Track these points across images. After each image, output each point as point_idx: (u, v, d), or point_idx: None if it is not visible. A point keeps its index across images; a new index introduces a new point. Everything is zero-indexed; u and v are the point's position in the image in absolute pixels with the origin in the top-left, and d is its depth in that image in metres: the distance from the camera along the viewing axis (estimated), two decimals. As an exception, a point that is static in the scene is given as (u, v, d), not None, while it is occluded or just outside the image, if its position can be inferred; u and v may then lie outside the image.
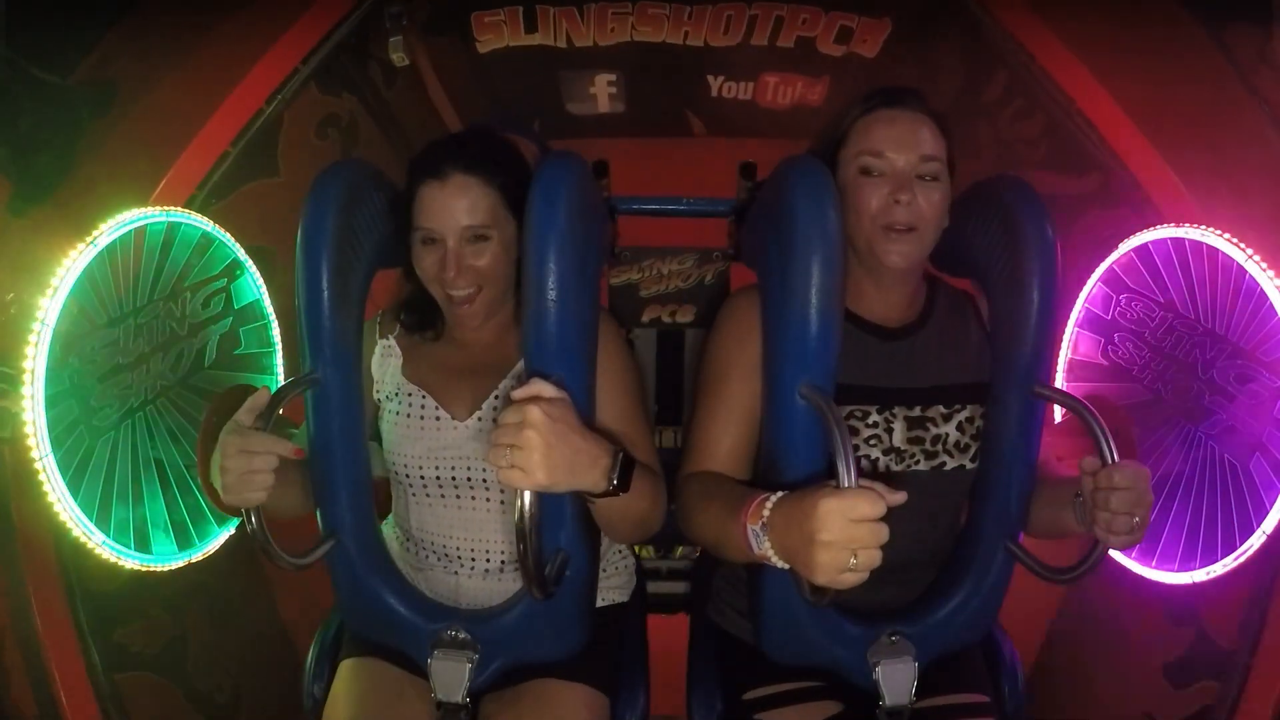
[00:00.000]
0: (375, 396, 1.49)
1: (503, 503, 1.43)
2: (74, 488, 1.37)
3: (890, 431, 1.36)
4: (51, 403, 1.33)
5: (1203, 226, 1.49)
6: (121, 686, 1.67)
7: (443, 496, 1.45)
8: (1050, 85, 1.99)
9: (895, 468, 1.35)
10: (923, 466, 1.37)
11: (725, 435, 1.33)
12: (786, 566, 1.06)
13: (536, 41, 2.43)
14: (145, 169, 1.76)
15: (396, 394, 1.47)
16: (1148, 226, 1.61)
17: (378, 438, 1.51)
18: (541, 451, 1.04)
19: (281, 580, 2.26)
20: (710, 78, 2.58)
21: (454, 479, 1.43)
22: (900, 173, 1.29)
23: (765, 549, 1.07)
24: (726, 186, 1.84)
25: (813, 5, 2.39)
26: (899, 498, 1.00)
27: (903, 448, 1.36)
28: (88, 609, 1.60)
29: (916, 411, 1.37)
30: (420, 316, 1.49)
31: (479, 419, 1.42)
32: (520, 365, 1.26)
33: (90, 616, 1.61)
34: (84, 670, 1.59)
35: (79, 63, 1.78)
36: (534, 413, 1.05)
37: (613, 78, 2.56)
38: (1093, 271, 1.71)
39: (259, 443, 1.20)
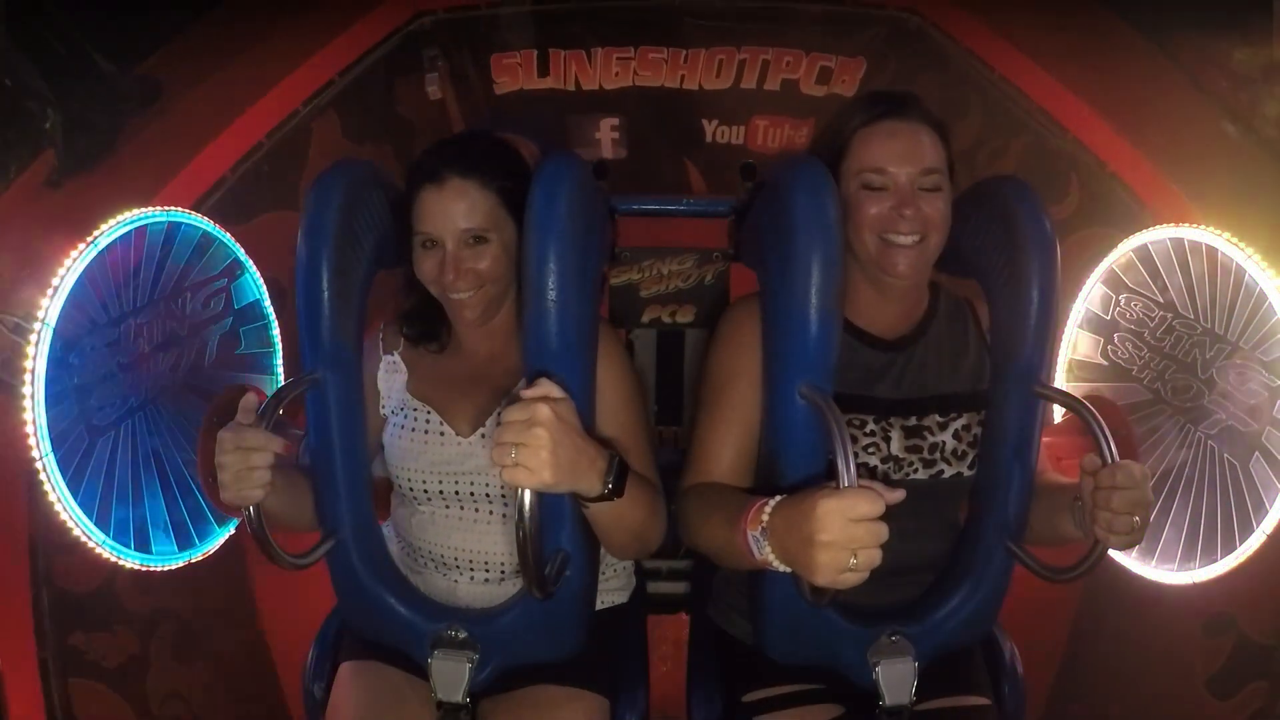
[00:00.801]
0: (381, 412, 1.49)
1: (505, 515, 1.42)
2: (74, 488, 1.37)
3: (888, 440, 1.36)
4: (51, 403, 1.33)
5: (1202, 226, 1.49)
6: (72, 692, 1.65)
7: (446, 509, 1.45)
8: (1023, 99, 2.08)
9: (894, 476, 1.36)
10: (921, 475, 1.37)
11: (727, 447, 1.33)
12: (788, 571, 1.07)
13: (548, 85, 2.65)
14: (189, 146, 1.87)
15: (401, 409, 1.47)
16: (1129, 234, 1.62)
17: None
18: (549, 450, 1.05)
19: (269, 611, 2.27)
20: (705, 122, 2.77)
21: (457, 493, 1.43)
22: (902, 187, 1.29)
23: (766, 554, 1.07)
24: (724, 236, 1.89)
25: (795, 48, 2.62)
26: (898, 496, 1.00)
27: (900, 456, 1.36)
28: (55, 608, 1.59)
29: (913, 421, 1.37)
30: (424, 328, 1.48)
31: (482, 434, 1.42)
32: (523, 384, 1.25)
33: (56, 615, 1.59)
34: (34, 667, 1.58)
35: (139, 62, 1.92)
36: (543, 411, 1.05)
37: (616, 122, 2.74)
38: (1080, 293, 1.72)
39: (254, 439, 1.20)
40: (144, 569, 1.48)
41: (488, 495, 1.42)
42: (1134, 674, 2.01)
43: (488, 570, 1.45)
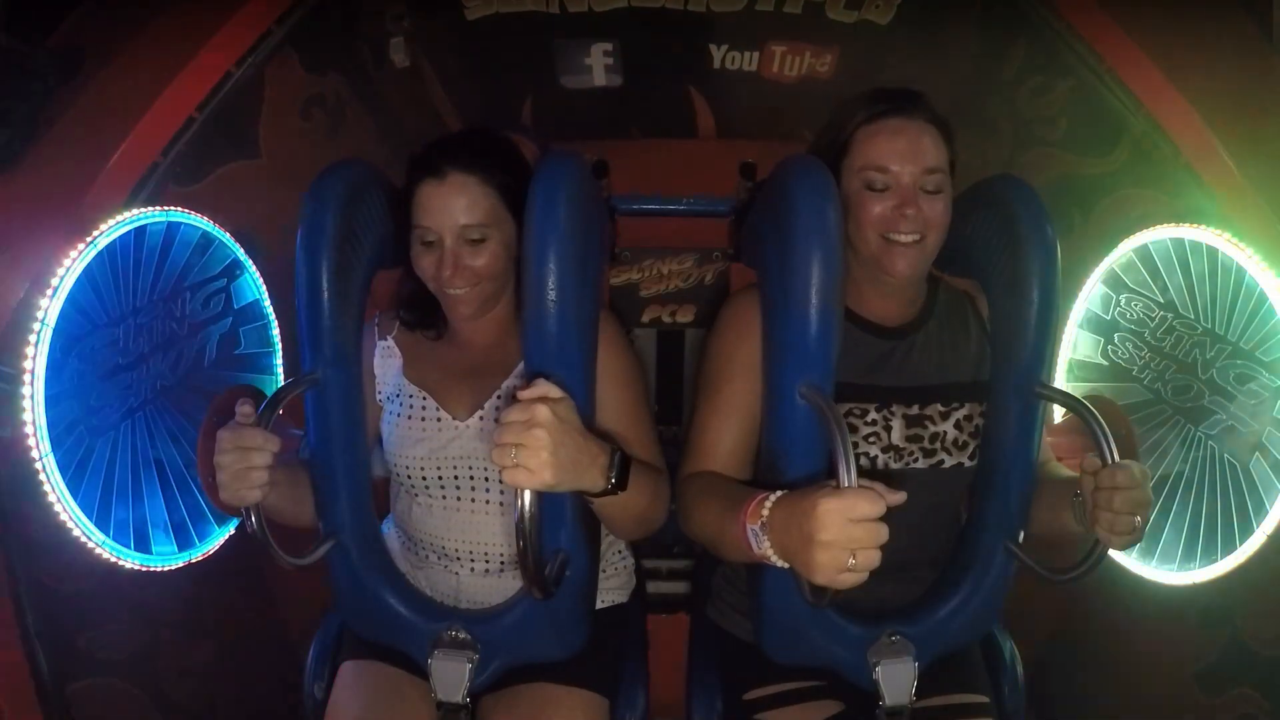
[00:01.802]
0: (377, 398, 1.49)
1: (503, 503, 1.43)
2: (74, 488, 1.37)
3: (889, 429, 1.36)
4: (51, 403, 1.33)
5: (1201, 226, 1.49)
6: (84, 693, 1.62)
7: (444, 497, 1.45)
8: (1080, 47, 1.86)
9: (894, 465, 1.36)
10: (921, 464, 1.37)
11: (725, 435, 1.34)
12: (786, 566, 1.07)
13: (528, 8, 2.30)
14: (110, 135, 1.64)
15: (397, 395, 1.47)
16: (1183, 204, 1.56)
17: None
18: (549, 450, 1.05)
19: (283, 588, 2.24)
20: (712, 47, 2.44)
21: (455, 479, 1.43)
22: (905, 188, 1.29)
23: (765, 549, 1.07)
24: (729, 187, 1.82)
25: (824, -32, 2.26)
26: (898, 498, 1.00)
27: (901, 445, 1.36)
28: (43, 611, 1.56)
29: (914, 409, 1.37)
30: (420, 314, 1.48)
31: (480, 419, 1.42)
32: (522, 365, 1.26)
33: (49, 618, 1.57)
34: (28, 675, 1.53)
35: (52, 31, 1.70)
36: (543, 411, 1.05)
37: (609, 47, 2.43)
38: (1081, 292, 1.70)
39: (253, 438, 1.20)
40: (144, 569, 1.48)
41: (486, 481, 1.42)
42: (1122, 659, 1.99)
43: (487, 561, 1.45)
